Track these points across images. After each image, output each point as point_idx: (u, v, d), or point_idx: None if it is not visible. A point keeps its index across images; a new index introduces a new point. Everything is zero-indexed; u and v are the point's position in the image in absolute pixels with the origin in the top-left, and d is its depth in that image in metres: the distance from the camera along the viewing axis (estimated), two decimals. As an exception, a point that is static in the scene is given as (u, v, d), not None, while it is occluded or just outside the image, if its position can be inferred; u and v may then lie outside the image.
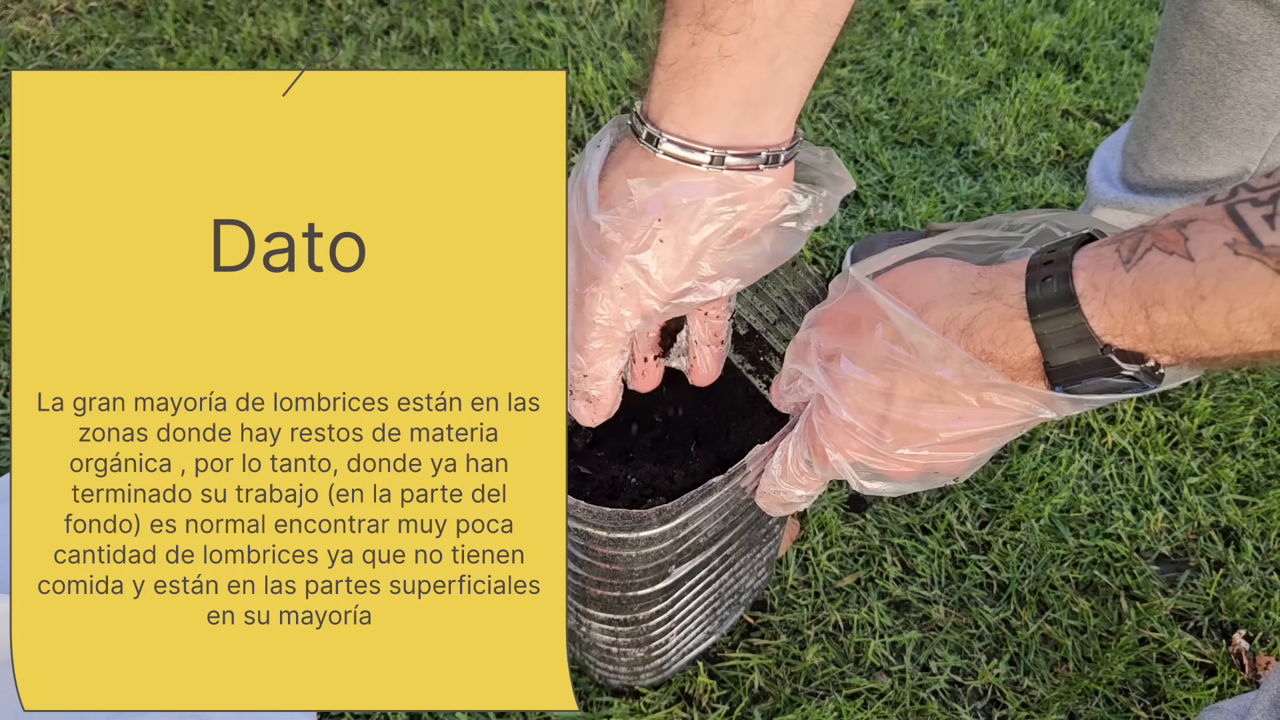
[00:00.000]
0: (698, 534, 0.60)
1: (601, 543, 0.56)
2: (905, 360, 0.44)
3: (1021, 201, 1.22)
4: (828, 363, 0.48)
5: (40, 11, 1.38)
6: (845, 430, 0.48)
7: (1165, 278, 0.37)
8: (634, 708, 0.80)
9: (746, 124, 0.49)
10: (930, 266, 0.46)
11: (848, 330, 0.47)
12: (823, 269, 1.15)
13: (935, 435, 0.45)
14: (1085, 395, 0.41)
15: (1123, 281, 0.38)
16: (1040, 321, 0.40)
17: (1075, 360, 0.40)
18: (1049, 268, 0.40)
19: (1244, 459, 1.00)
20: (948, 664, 0.85)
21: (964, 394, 0.43)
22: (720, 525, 0.62)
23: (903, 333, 0.44)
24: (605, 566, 0.60)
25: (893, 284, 0.46)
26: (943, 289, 0.44)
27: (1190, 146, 0.86)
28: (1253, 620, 0.89)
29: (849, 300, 0.48)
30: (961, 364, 0.42)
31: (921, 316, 0.43)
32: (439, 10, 1.43)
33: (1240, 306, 0.35)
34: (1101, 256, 0.39)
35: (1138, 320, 0.38)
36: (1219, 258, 0.35)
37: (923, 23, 1.46)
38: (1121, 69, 1.40)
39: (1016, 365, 0.42)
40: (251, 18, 1.39)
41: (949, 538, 0.92)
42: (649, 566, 0.60)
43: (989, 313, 0.42)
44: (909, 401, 0.45)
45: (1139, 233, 0.39)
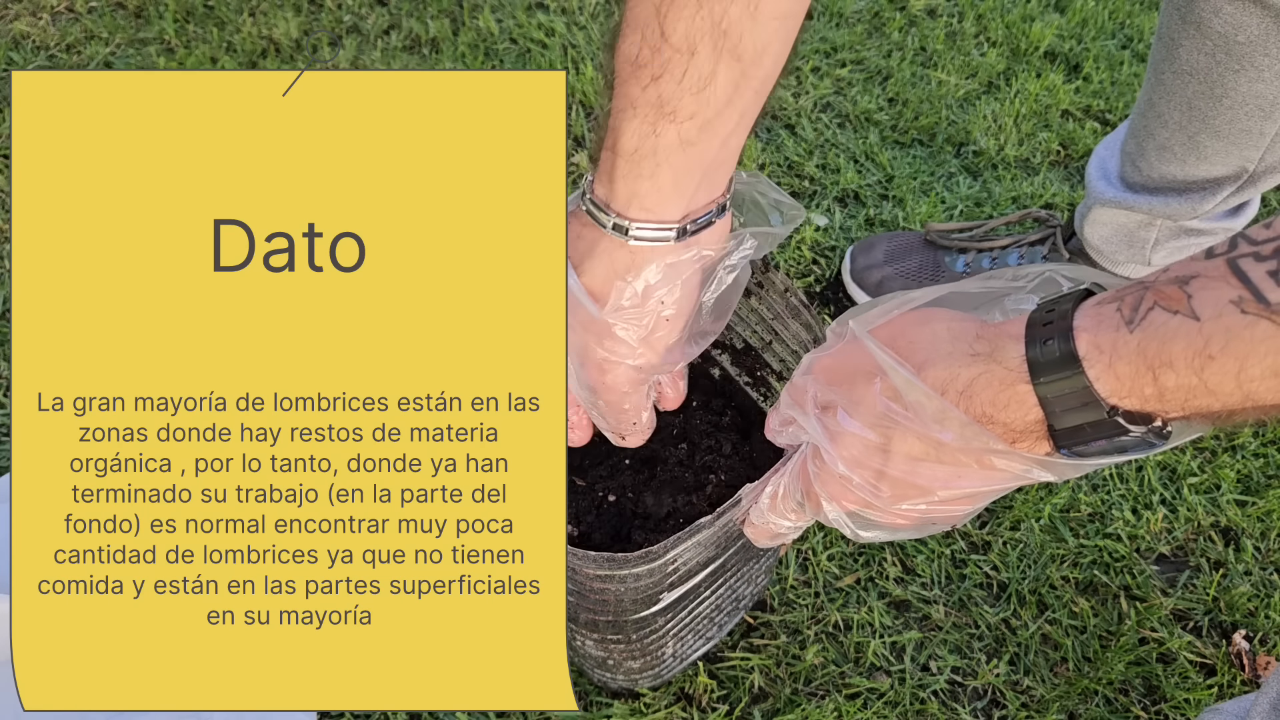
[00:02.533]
0: (688, 565, 0.59)
1: (589, 577, 0.56)
2: (903, 418, 0.43)
3: (1021, 202, 1.22)
4: (824, 413, 0.47)
5: (40, 11, 1.38)
6: (841, 482, 0.47)
7: (1171, 338, 0.36)
8: (634, 708, 0.80)
9: (702, 193, 0.52)
10: (928, 319, 0.45)
11: (844, 382, 0.47)
12: (823, 269, 1.15)
13: (933, 493, 0.45)
14: (1090, 458, 0.41)
15: (1127, 343, 0.37)
16: (1043, 385, 0.39)
17: (1081, 424, 0.39)
18: (1049, 328, 0.40)
19: (1244, 459, 1.00)
20: (948, 664, 0.85)
21: (963, 456, 0.43)
22: (713, 552, 0.61)
23: (901, 391, 0.43)
24: (595, 597, 0.59)
25: (890, 337, 0.45)
26: (940, 347, 0.43)
27: (1188, 146, 0.86)
28: (1253, 620, 0.89)
29: (847, 350, 0.47)
30: (961, 427, 0.42)
31: (919, 375, 0.43)
32: (439, 10, 1.43)
33: (1251, 365, 0.34)
34: (1103, 316, 0.38)
35: (1145, 383, 0.37)
36: (1225, 316, 0.34)
37: (923, 23, 1.46)
38: (1121, 69, 1.40)
39: (1019, 428, 0.41)
40: (251, 18, 1.40)
41: (949, 538, 0.92)
42: (639, 598, 0.59)
43: (988, 375, 0.41)
44: (906, 459, 0.44)
45: (1139, 290, 0.38)
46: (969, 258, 1.07)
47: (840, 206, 1.21)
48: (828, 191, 1.22)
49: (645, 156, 0.49)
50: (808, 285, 1.13)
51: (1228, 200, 0.90)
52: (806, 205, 1.21)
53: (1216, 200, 0.89)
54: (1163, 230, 0.95)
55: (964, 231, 1.11)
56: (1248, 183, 0.88)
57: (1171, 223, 0.94)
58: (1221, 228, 0.95)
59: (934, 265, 1.08)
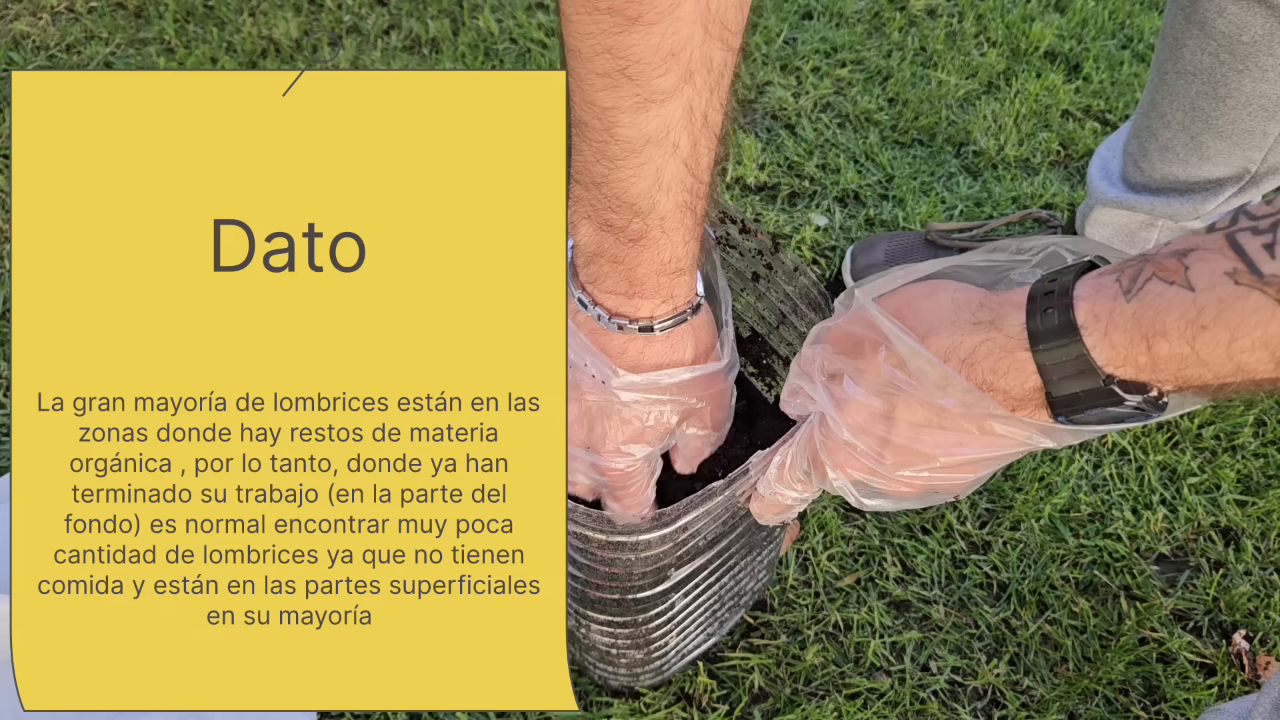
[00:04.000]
0: (697, 537, 0.60)
1: (600, 545, 0.56)
2: (906, 385, 0.44)
3: (1021, 202, 1.22)
4: (831, 382, 0.48)
5: (40, 11, 1.38)
6: (846, 449, 0.48)
7: (1166, 308, 0.36)
8: (634, 708, 0.80)
9: (679, 292, 0.53)
10: (933, 290, 0.46)
11: (851, 351, 0.47)
12: (823, 269, 1.15)
13: (935, 459, 0.45)
14: (1087, 425, 0.41)
15: (1123, 312, 0.38)
16: (1041, 352, 0.40)
17: (1077, 391, 0.40)
18: (1049, 298, 0.40)
19: (1244, 459, 1.00)
20: (948, 664, 0.85)
21: (965, 422, 0.43)
22: (720, 529, 0.62)
23: (905, 358, 0.44)
24: (605, 570, 0.60)
25: (895, 307, 0.46)
26: (944, 316, 0.44)
27: (1191, 146, 0.86)
28: (1253, 620, 0.89)
29: (853, 320, 0.48)
30: (963, 393, 0.42)
31: (923, 343, 0.43)
32: (439, 10, 1.43)
33: (1242, 336, 0.35)
34: (1102, 286, 0.39)
35: (1139, 351, 0.38)
36: (1219, 287, 0.35)
37: (923, 23, 1.46)
38: (1121, 69, 1.40)
39: (1018, 395, 0.42)
40: (251, 18, 1.39)
41: (949, 538, 0.92)
42: (648, 570, 0.60)
43: (990, 343, 0.42)
44: (910, 425, 0.45)
45: (1140, 261, 0.38)
46: (969, 258, 1.07)
47: (840, 206, 1.21)
48: (828, 191, 1.22)
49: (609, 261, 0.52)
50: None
51: (1230, 201, 0.90)
52: (806, 205, 1.21)
53: (1219, 200, 0.89)
54: (1164, 230, 0.95)
55: (964, 231, 1.11)
56: (1250, 183, 0.88)
57: (1173, 223, 0.94)
58: (1222, 228, 0.95)
59: (934, 265, 1.08)
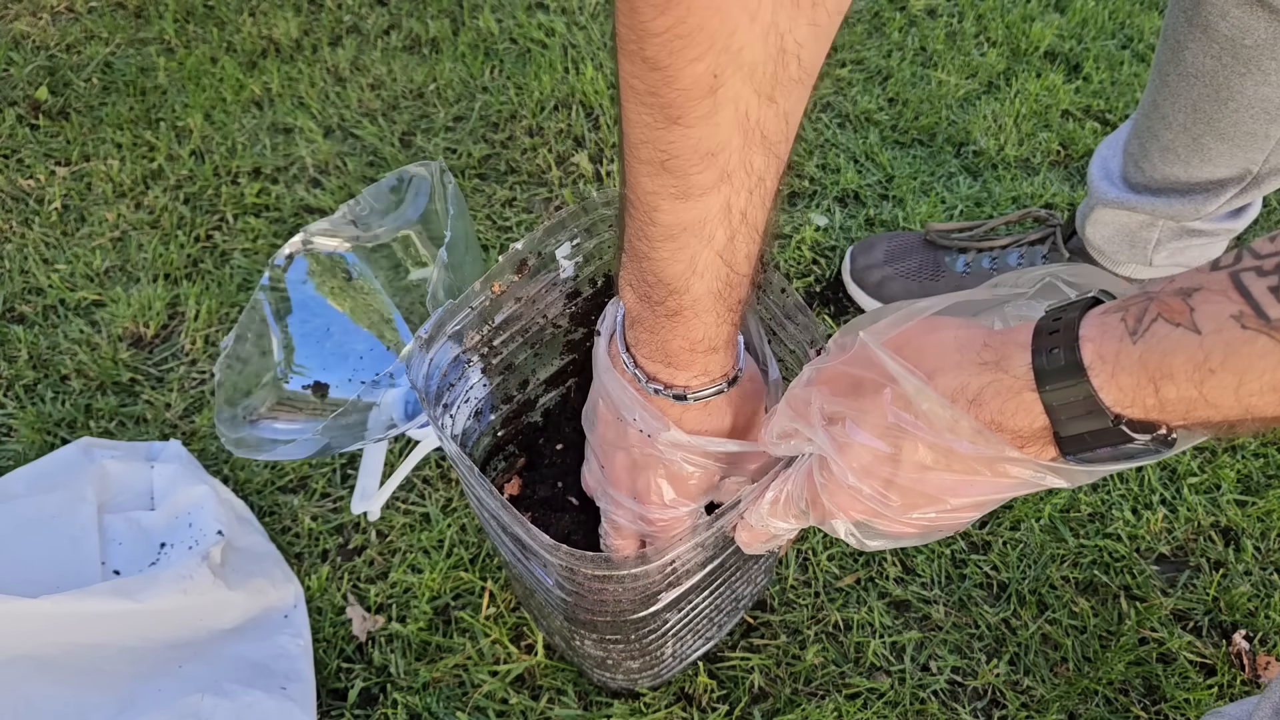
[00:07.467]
0: (687, 564, 0.59)
1: (587, 578, 0.56)
2: (914, 427, 0.43)
3: (1021, 201, 1.22)
4: (830, 425, 0.47)
5: (40, 11, 1.38)
6: (850, 493, 0.47)
7: (1172, 351, 0.36)
8: (634, 708, 0.80)
9: (713, 368, 0.54)
10: (935, 328, 0.45)
11: (849, 392, 0.47)
12: (823, 269, 1.15)
13: (944, 501, 0.45)
14: (1098, 465, 0.41)
15: (1130, 354, 0.37)
16: (1049, 393, 0.40)
17: (1085, 431, 0.40)
18: (1055, 337, 0.40)
19: (1244, 459, 1.00)
20: (948, 664, 0.85)
21: (975, 464, 0.43)
22: (711, 553, 0.61)
23: (912, 399, 0.43)
24: (594, 597, 0.59)
25: (897, 346, 0.45)
26: (949, 356, 0.43)
27: (1192, 148, 0.86)
28: (1253, 620, 0.89)
29: (852, 360, 0.47)
30: (973, 434, 0.42)
31: (929, 383, 0.43)
32: (439, 10, 1.43)
33: (1250, 380, 0.34)
34: (1107, 326, 0.39)
35: (1147, 393, 0.37)
36: (1226, 331, 0.35)
37: (923, 23, 1.46)
38: (1121, 69, 1.40)
39: (1026, 435, 0.41)
40: (251, 18, 1.39)
41: (949, 538, 0.92)
42: (638, 597, 0.59)
43: (997, 384, 0.41)
44: (916, 468, 0.44)
45: (1144, 300, 0.38)
46: (969, 257, 1.07)
47: (840, 206, 1.21)
48: (828, 191, 1.22)
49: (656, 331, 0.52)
50: (808, 285, 1.13)
51: (1231, 202, 0.90)
52: (806, 205, 1.21)
53: (1220, 202, 0.89)
54: (1165, 230, 0.95)
55: (964, 231, 1.11)
56: (1251, 184, 0.88)
57: (1174, 223, 0.94)
58: (1224, 229, 0.95)
59: (934, 265, 1.08)
